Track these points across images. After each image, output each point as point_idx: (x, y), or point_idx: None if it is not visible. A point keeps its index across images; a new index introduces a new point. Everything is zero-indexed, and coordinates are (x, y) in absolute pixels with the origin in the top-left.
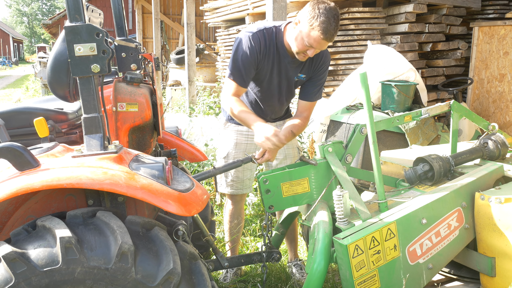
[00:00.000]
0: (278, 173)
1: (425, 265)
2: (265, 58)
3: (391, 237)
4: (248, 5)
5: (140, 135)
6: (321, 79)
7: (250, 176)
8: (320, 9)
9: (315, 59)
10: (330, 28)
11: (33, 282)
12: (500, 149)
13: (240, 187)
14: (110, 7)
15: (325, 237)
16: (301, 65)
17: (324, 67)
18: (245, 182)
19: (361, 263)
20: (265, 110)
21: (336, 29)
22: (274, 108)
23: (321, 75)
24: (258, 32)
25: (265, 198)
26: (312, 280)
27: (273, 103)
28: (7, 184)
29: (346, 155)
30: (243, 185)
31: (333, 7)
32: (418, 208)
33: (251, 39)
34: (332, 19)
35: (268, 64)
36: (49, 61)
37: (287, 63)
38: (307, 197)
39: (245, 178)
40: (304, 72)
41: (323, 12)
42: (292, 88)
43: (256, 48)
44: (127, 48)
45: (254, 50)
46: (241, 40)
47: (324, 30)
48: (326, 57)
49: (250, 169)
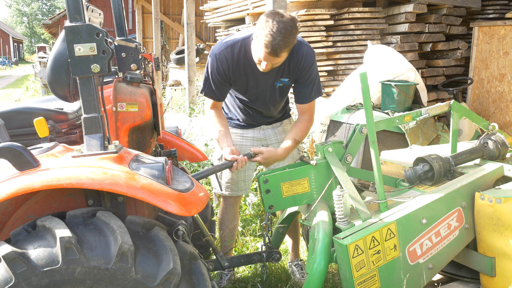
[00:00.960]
0: (278, 173)
1: (425, 265)
2: (235, 74)
3: (391, 237)
4: (248, 5)
5: (140, 135)
6: (308, 78)
7: (245, 177)
8: (268, 22)
9: (293, 61)
10: (274, 43)
11: (33, 282)
12: (500, 149)
13: (234, 188)
14: (110, 7)
15: (325, 237)
16: (280, 70)
17: (307, 65)
18: (239, 184)
19: (361, 263)
20: (255, 116)
21: (283, 45)
22: (264, 113)
23: (307, 75)
24: (224, 51)
25: (265, 198)
26: (312, 280)
27: (261, 110)
28: (7, 184)
29: (346, 155)
30: (237, 186)
31: (285, 20)
32: (418, 208)
33: (217, 60)
34: (277, 34)
35: (241, 78)
36: (49, 61)
37: (262, 73)
38: (307, 197)
39: (239, 180)
40: (286, 76)
41: (270, 26)
42: (277, 94)
43: (223, 67)
44: (127, 48)
45: (222, 70)
46: (209, 60)
47: (267, 45)
48: (306, 55)
49: (245, 170)
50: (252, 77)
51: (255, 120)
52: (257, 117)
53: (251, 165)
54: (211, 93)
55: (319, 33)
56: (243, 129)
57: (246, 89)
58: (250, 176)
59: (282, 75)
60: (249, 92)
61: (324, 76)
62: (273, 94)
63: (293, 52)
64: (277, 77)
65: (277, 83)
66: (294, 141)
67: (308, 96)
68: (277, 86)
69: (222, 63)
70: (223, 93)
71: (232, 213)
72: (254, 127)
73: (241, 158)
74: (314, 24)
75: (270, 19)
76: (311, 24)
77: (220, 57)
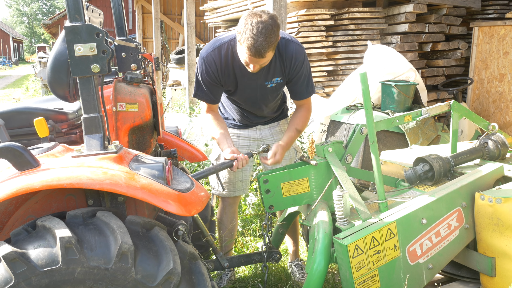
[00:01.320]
0: (278, 173)
1: (425, 265)
2: (224, 75)
3: (391, 237)
4: (248, 5)
5: (140, 135)
6: (301, 76)
7: (243, 177)
8: (248, 24)
9: (283, 60)
10: (257, 45)
11: (33, 282)
12: (500, 149)
13: (232, 189)
14: (110, 7)
15: (325, 237)
16: (270, 70)
17: (298, 64)
18: (237, 184)
19: (361, 263)
20: (249, 116)
21: (266, 45)
22: (258, 113)
23: (300, 73)
24: (212, 53)
25: (265, 198)
26: (312, 280)
27: (255, 111)
28: (7, 184)
29: (346, 155)
30: (235, 187)
31: (264, 20)
32: (418, 208)
33: (205, 62)
34: (258, 35)
35: (231, 80)
36: (49, 61)
37: (251, 73)
38: (307, 197)
39: (237, 180)
40: (278, 75)
41: (250, 28)
42: (269, 94)
43: (211, 70)
44: (127, 48)
45: (211, 73)
46: (198, 63)
47: (250, 48)
48: (297, 53)
49: (242, 170)
50: (241, 78)
51: (250, 120)
52: (251, 117)
53: (249, 166)
54: (204, 96)
55: (319, 33)
56: (240, 129)
57: (236, 90)
58: (247, 176)
59: (274, 75)
60: (240, 93)
61: (324, 76)
62: (264, 94)
63: (281, 51)
64: (267, 77)
65: (268, 83)
66: (296, 131)
67: (303, 93)
68: (268, 86)
69: (210, 65)
70: (216, 95)
71: (231, 213)
72: (250, 127)
73: (242, 157)
74: (314, 24)
75: (248, 21)
76: (311, 24)
77: (208, 59)
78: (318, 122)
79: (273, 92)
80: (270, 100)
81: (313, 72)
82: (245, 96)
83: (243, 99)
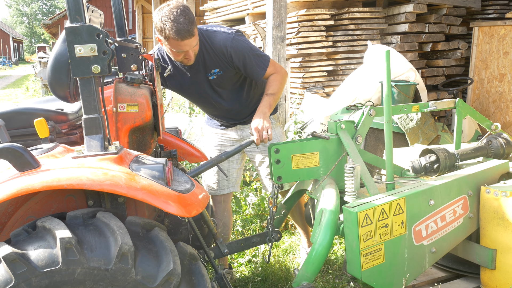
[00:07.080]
0: (290, 144)
1: (428, 248)
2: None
3: (400, 212)
4: (248, 5)
5: (141, 136)
6: (245, 59)
7: (229, 176)
8: (162, 16)
9: (215, 52)
10: (180, 26)
11: (33, 283)
12: (504, 148)
13: (216, 187)
14: (110, 7)
15: (332, 210)
16: (206, 62)
17: (231, 50)
18: (221, 183)
19: (368, 233)
20: (222, 117)
21: (189, 23)
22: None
23: (240, 57)
24: (157, 53)
25: (274, 168)
26: (317, 252)
27: (218, 107)
28: (7, 184)
29: (356, 136)
30: (219, 185)
31: (174, 6)
32: (427, 188)
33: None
34: (178, 17)
35: (173, 80)
36: (49, 61)
37: (185, 70)
38: (316, 172)
39: (221, 178)
40: (216, 67)
41: (165, 18)
42: (215, 86)
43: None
44: (127, 49)
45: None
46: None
47: (177, 31)
48: (225, 41)
49: (228, 169)
50: (183, 75)
51: (225, 120)
52: (225, 116)
53: (234, 163)
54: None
55: (319, 33)
56: (223, 129)
57: (183, 87)
58: (234, 174)
59: (212, 67)
60: (188, 94)
61: (324, 76)
62: (213, 88)
63: (209, 44)
64: (204, 72)
65: (209, 75)
66: (268, 95)
67: (259, 72)
68: (210, 78)
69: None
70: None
71: (221, 211)
72: (230, 127)
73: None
74: (314, 24)
75: (160, 15)
76: (311, 24)
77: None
78: (318, 122)
79: (218, 84)
80: (222, 93)
81: (313, 72)
82: (194, 92)
83: (194, 96)
